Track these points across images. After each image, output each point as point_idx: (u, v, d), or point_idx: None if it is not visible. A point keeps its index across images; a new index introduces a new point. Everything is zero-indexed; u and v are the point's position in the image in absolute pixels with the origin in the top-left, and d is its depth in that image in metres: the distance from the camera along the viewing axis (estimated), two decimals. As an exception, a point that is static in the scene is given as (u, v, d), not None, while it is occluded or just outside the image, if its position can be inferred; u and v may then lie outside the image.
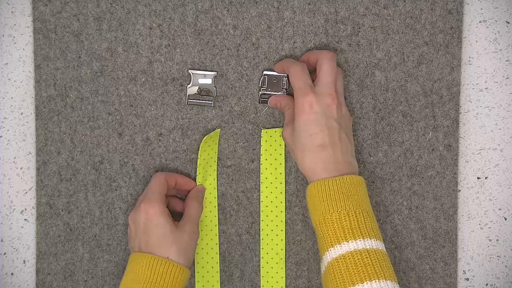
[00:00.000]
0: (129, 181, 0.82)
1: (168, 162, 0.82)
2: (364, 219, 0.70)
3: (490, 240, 0.84)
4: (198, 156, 0.80)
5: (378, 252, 0.68)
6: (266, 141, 0.82)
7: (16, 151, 0.83)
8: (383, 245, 0.70)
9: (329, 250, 0.69)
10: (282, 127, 0.82)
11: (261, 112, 0.82)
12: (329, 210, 0.70)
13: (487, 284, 0.84)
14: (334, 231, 0.69)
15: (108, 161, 0.82)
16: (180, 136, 0.82)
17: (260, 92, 0.80)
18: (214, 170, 0.81)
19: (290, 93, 0.80)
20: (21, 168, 0.83)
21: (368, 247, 0.68)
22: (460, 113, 0.83)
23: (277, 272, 0.82)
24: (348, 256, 0.67)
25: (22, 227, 0.83)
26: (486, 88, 0.83)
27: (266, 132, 0.82)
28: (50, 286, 0.83)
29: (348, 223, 0.69)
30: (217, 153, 0.81)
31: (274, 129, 0.82)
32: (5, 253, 0.83)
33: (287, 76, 0.79)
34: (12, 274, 0.83)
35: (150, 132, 0.82)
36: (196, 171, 0.81)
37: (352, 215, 0.69)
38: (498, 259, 0.84)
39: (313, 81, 0.75)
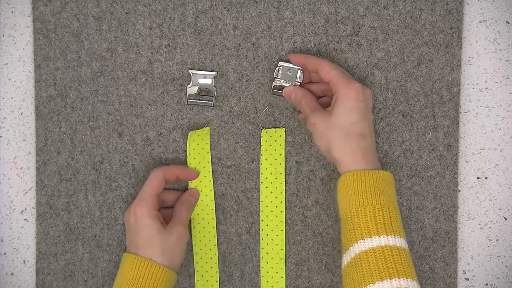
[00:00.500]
0: (129, 181, 0.82)
1: (168, 162, 0.82)
2: (396, 217, 0.70)
3: (490, 240, 0.84)
4: (187, 155, 0.80)
5: (406, 252, 0.69)
6: (266, 141, 0.82)
7: (16, 151, 0.83)
8: (407, 246, 0.70)
9: (358, 242, 0.69)
10: (282, 127, 0.82)
11: (261, 112, 0.82)
12: (363, 203, 0.70)
13: (487, 284, 0.84)
14: (366, 224, 0.69)
15: (108, 161, 0.82)
16: (180, 136, 0.82)
17: (274, 83, 0.80)
18: (209, 171, 0.81)
19: (315, 89, 0.80)
20: (21, 168, 0.83)
21: (398, 244, 0.68)
22: (460, 113, 0.83)
23: (277, 272, 0.82)
24: (379, 250, 0.68)
25: (22, 227, 0.83)
26: (486, 88, 0.83)
27: (266, 132, 0.82)
28: (50, 286, 0.83)
29: (381, 218, 0.69)
30: (209, 153, 0.81)
31: (274, 129, 0.82)
32: (5, 253, 0.83)
33: (302, 69, 0.79)
34: (12, 274, 0.83)
35: (150, 132, 0.82)
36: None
37: (386, 211, 0.70)
38: (498, 259, 0.84)
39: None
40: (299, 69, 0.79)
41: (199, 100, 0.81)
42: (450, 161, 0.82)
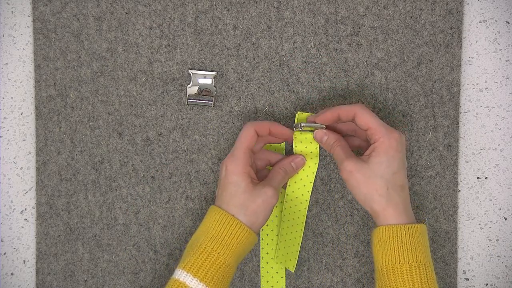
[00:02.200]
0: (129, 181, 0.82)
1: (168, 162, 0.82)
2: (431, 274, 0.70)
3: (490, 240, 0.84)
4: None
5: None
6: (266, 141, 0.82)
7: (16, 151, 0.83)
8: None
9: None
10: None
11: (261, 112, 0.82)
12: (399, 260, 0.70)
13: (487, 284, 0.84)
14: (403, 282, 0.69)
15: (108, 161, 0.82)
16: (180, 136, 0.82)
17: (295, 130, 0.77)
18: (311, 182, 0.79)
19: (344, 128, 0.78)
20: (21, 168, 0.83)
21: None
22: (460, 113, 0.83)
23: (277, 272, 0.82)
24: None
25: (22, 227, 0.83)
26: (486, 88, 0.83)
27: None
28: (50, 286, 0.83)
29: (418, 277, 0.69)
30: (314, 173, 0.79)
31: (274, 129, 0.82)
32: (5, 253, 0.83)
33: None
34: (12, 274, 0.83)
35: (150, 132, 0.82)
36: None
37: (422, 269, 0.69)
38: (498, 259, 0.84)
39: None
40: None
41: (199, 100, 0.81)
42: (450, 161, 0.82)
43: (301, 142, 0.78)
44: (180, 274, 0.71)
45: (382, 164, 0.71)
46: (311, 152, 0.78)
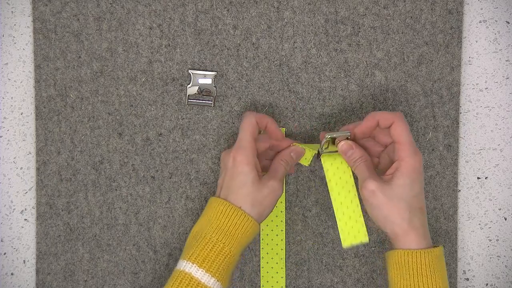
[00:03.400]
0: (129, 181, 0.82)
1: (168, 162, 0.82)
2: None
3: (490, 240, 0.84)
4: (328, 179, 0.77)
5: None
6: (266, 141, 0.82)
7: (16, 151, 0.83)
8: None
9: None
10: (282, 127, 0.82)
11: (261, 112, 0.82)
12: (419, 286, 0.69)
13: (487, 284, 0.84)
14: None
15: (108, 161, 0.82)
16: (180, 136, 0.82)
17: (322, 153, 0.76)
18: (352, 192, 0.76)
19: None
20: (21, 168, 0.83)
21: None
22: (460, 113, 0.83)
23: (277, 272, 0.82)
24: None
25: (22, 227, 0.83)
26: (486, 88, 0.83)
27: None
28: (50, 286, 0.83)
29: None
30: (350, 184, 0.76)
31: (274, 129, 0.82)
32: (5, 253, 0.83)
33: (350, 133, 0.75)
34: (12, 274, 0.83)
35: (150, 132, 0.82)
36: None
37: None
38: (498, 259, 0.84)
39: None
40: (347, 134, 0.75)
41: (199, 100, 0.81)
42: (450, 161, 0.82)
43: (334, 176, 0.76)
44: (186, 266, 0.70)
45: (405, 187, 0.70)
46: (344, 172, 0.76)
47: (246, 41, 0.81)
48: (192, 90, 0.81)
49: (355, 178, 0.75)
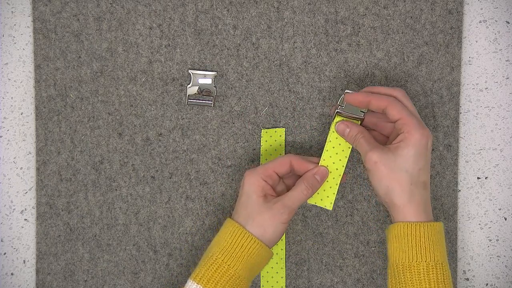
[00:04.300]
0: (129, 181, 0.82)
1: (168, 162, 0.82)
2: (448, 273, 0.70)
3: (490, 240, 0.84)
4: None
5: None
6: (266, 141, 0.82)
7: (16, 151, 0.83)
8: None
9: None
10: (282, 127, 0.82)
11: (261, 112, 0.82)
12: (417, 258, 0.69)
13: (487, 284, 0.84)
14: (419, 281, 0.69)
15: (108, 161, 0.82)
16: (180, 136, 0.82)
17: (337, 110, 0.76)
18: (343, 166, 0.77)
19: (365, 121, 0.76)
20: (21, 168, 0.83)
21: None
22: (460, 113, 0.83)
23: (277, 272, 0.82)
24: None
25: (22, 227, 0.83)
26: (486, 88, 0.83)
27: (266, 132, 0.82)
28: (50, 286, 0.83)
29: (435, 276, 0.69)
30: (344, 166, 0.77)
31: (274, 129, 0.82)
32: (5, 253, 0.83)
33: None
34: (12, 274, 0.83)
35: (150, 132, 0.82)
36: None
37: (439, 268, 0.69)
38: (498, 259, 0.84)
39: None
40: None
41: (199, 100, 0.81)
42: (450, 161, 0.82)
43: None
44: (191, 285, 0.71)
45: (409, 159, 0.69)
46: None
47: (246, 41, 0.81)
48: (192, 90, 0.81)
49: (356, 153, 0.74)
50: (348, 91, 0.74)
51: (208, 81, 0.81)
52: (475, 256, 0.84)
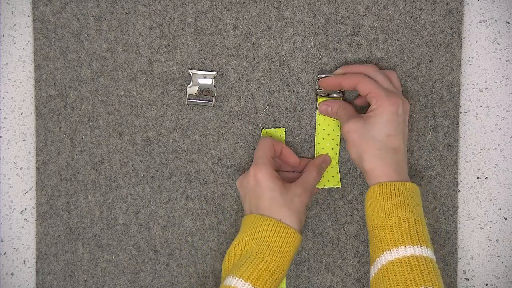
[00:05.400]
0: (129, 181, 0.82)
1: (168, 162, 0.82)
2: (422, 227, 0.70)
3: (490, 240, 0.84)
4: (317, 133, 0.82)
5: (433, 262, 0.69)
6: (266, 141, 0.82)
7: (16, 151, 0.83)
8: (434, 257, 0.70)
9: (384, 253, 0.69)
10: (282, 127, 0.82)
11: (261, 112, 0.82)
12: (389, 214, 0.70)
13: (487, 284, 0.84)
14: (392, 234, 0.69)
15: (108, 161, 0.82)
16: (180, 136, 0.82)
17: (316, 94, 0.81)
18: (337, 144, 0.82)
19: (346, 97, 0.81)
20: (21, 168, 0.83)
21: (424, 254, 0.68)
22: (460, 113, 0.83)
23: (277, 272, 0.82)
24: (405, 260, 0.68)
25: (22, 227, 0.83)
26: (486, 88, 0.83)
27: (266, 132, 0.82)
28: (50, 286, 0.83)
29: (407, 228, 0.69)
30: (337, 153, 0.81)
31: (274, 129, 0.82)
32: (5, 253, 0.83)
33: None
34: (12, 274, 0.83)
35: (150, 132, 0.82)
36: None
37: (412, 221, 0.70)
38: (498, 259, 0.84)
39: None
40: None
41: (199, 100, 0.81)
42: (450, 161, 0.82)
43: (324, 120, 0.82)
44: (237, 283, 0.70)
45: (376, 125, 0.73)
46: (333, 130, 0.82)
47: (246, 41, 0.81)
48: (192, 90, 0.81)
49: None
50: (321, 75, 0.79)
51: (208, 81, 0.81)
52: (475, 256, 0.84)
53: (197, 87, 0.81)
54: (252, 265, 0.70)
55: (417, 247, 0.68)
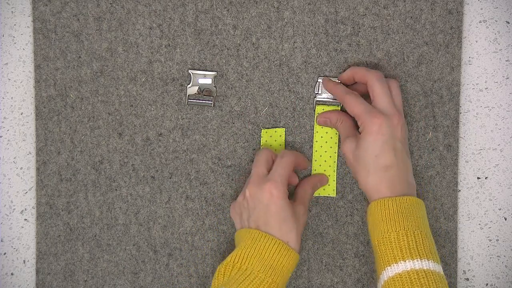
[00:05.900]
0: (129, 181, 0.82)
1: (168, 162, 0.82)
2: (422, 240, 0.70)
3: (490, 240, 0.84)
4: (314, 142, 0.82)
5: (435, 274, 0.68)
6: (266, 141, 0.82)
7: (16, 151, 0.83)
8: (441, 269, 0.70)
9: (386, 269, 0.69)
10: (282, 127, 0.82)
11: (261, 112, 0.82)
12: (388, 230, 0.70)
13: (487, 284, 0.84)
14: (391, 250, 0.69)
15: (108, 161, 0.82)
16: (180, 136, 0.82)
17: (316, 99, 0.81)
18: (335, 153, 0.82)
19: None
20: (21, 168, 0.83)
21: (425, 267, 0.68)
22: (460, 113, 0.83)
23: (277, 272, 0.82)
24: (405, 275, 0.68)
25: (22, 227, 0.83)
26: (486, 88, 0.83)
27: (266, 132, 0.82)
28: (50, 286, 0.83)
29: (406, 243, 0.69)
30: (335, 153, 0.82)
31: (274, 129, 0.82)
32: (5, 253, 0.83)
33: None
34: (12, 274, 0.83)
35: (150, 132, 0.82)
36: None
37: (411, 235, 0.70)
38: (498, 259, 0.84)
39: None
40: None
41: (199, 100, 0.81)
42: (450, 161, 0.82)
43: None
44: None
45: (363, 147, 0.74)
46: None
47: (246, 41, 0.81)
48: (192, 90, 0.81)
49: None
50: (320, 80, 0.81)
51: (208, 81, 0.81)
52: (475, 256, 0.84)
53: (197, 87, 0.81)
54: (253, 284, 0.70)
55: (417, 260, 0.68)
